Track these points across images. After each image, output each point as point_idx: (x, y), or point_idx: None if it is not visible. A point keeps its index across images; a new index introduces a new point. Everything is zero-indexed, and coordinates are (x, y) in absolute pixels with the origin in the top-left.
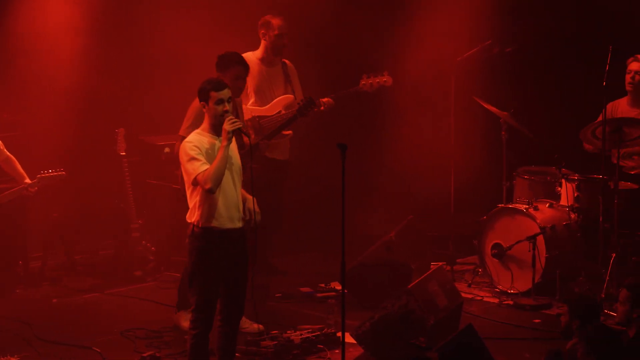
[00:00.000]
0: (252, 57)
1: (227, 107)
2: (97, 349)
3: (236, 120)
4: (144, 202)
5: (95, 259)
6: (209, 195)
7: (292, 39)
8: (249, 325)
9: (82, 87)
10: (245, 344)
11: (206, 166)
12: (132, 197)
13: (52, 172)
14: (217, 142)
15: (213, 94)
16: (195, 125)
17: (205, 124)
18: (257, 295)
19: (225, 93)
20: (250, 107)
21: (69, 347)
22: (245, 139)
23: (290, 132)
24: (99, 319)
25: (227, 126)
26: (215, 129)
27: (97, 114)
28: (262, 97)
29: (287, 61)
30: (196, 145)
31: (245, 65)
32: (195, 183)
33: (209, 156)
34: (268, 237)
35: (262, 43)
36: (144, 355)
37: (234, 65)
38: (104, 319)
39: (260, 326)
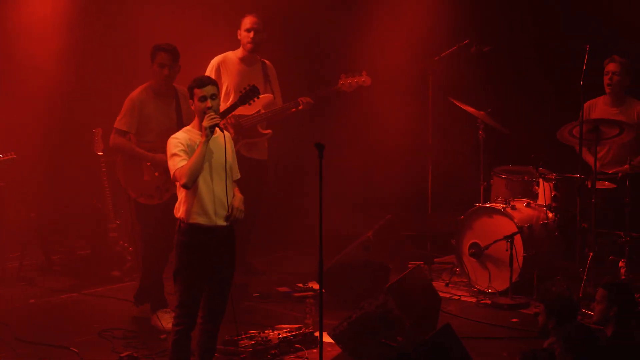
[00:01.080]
0: (232, 56)
1: (210, 103)
2: (75, 349)
3: (215, 116)
4: (121, 202)
5: (72, 259)
6: (194, 191)
7: (271, 39)
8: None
9: (60, 87)
10: (223, 344)
11: (185, 162)
12: (110, 197)
13: (1, 157)
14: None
15: (196, 91)
16: (126, 118)
17: (195, 120)
18: (235, 294)
19: (208, 90)
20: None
21: (47, 348)
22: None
23: (269, 131)
24: (77, 319)
25: (204, 122)
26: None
27: (75, 113)
28: (252, 103)
29: (266, 61)
30: (181, 142)
31: (170, 53)
32: (174, 179)
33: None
34: (246, 237)
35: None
36: (122, 355)
37: (157, 52)
38: (81, 319)
39: None
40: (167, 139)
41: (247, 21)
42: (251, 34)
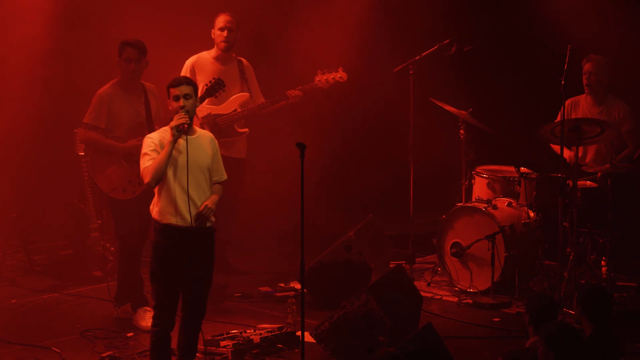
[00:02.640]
0: (206, 55)
1: (182, 103)
2: (57, 349)
3: (183, 116)
4: (102, 202)
5: (54, 259)
6: (166, 191)
7: (248, 37)
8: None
9: (41, 87)
10: (205, 344)
11: (151, 162)
12: (91, 197)
13: None
14: (184, 139)
15: (171, 90)
16: (95, 112)
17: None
18: (217, 295)
19: (182, 89)
20: (205, 105)
21: (29, 348)
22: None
23: (246, 130)
24: (58, 320)
25: (172, 122)
26: None
27: (56, 114)
28: (218, 95)
29: (243, 59)
30: (154, 142)
31: (136, 47)
32: (141, 177)
33: (175, 151)
34: (226, 236)
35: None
36: (103, 355)
37: (124, 48)
38: (63, 320)
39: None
40: (136, 134)
41: (221, 20)
42: (225, 33)
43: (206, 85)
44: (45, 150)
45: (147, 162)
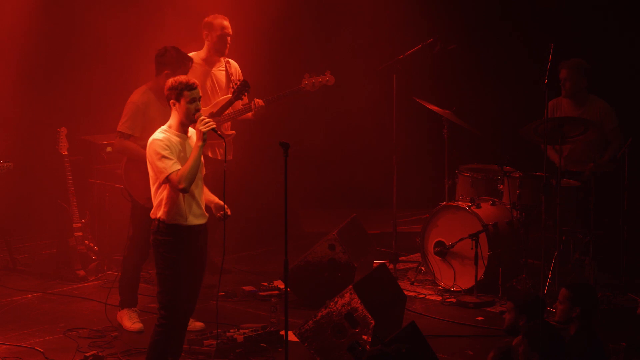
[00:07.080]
0: (196, 57)
1: (198, 106)
2: (40, 349)
3: (209, 120)
4: (86, 201)
5: (37, 258)
6: (176, 192)
7: (235, 39)
8: (190, 323)
9: (24, 86)
10: (189, 343)
11: (178, 165)
12: (75, 196)
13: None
14: (185, 140)
15: (186, 93)
16: (132, 120)
17: (173, 121)
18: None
19: (197, 92)
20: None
21: (12, 347)
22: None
23: (233, 132)
24: (42, 319)
25: (201, 127)
26: (184, 127)
27: (39, 113)
28: (206, 97)
29: (230, 60)
30: (167, 145)
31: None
32: (166, 181)
33: (178, 154)
34: (211, 236)
35: (205, 44)
36: (87, 354)
37: (188, 62)
38: (46, 319)
39: (202, 324)
40: None
41: (222, 24)
42: (228, 39)
43: (232, 87)
44: (28, 150)
45: (175, 166)
